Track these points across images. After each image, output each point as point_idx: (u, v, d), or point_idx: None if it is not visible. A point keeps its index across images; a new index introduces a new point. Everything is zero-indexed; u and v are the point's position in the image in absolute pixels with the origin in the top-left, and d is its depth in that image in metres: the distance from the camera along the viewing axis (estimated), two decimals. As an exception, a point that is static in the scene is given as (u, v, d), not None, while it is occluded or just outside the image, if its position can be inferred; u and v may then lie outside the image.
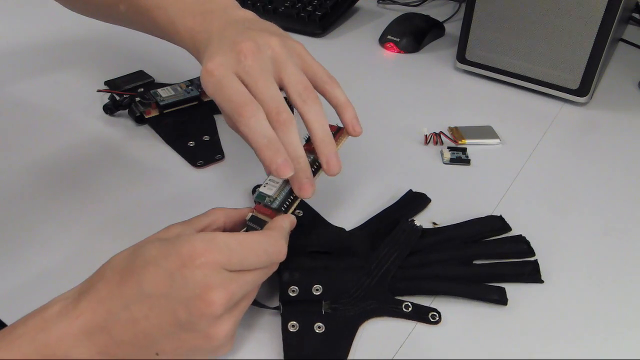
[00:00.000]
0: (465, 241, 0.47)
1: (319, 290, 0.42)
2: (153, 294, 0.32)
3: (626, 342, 0.41)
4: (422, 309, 0.42)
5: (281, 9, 0.86)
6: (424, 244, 0.47)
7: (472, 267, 0.45)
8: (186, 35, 0.47)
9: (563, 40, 0.65)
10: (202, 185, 0.55)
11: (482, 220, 0.50)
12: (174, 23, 0.47)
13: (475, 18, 0.69)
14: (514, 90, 0.71)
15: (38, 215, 0.51)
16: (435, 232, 0.48)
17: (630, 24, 0.87)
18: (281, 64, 0.42)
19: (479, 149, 0.60)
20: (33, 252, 0.47)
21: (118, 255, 0.36)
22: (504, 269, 0.45)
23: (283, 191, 0.42)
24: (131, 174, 0.56)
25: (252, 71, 0.40)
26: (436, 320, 0.41)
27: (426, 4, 0.95)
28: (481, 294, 0.43)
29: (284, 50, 0.42)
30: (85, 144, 0.60)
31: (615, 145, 0.62)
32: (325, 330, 0.40)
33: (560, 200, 0.54)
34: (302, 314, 0.41)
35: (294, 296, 0.41)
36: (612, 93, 0.71)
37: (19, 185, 0.54)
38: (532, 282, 0.45)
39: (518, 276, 0.45)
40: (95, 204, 0.52)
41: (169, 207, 0.52)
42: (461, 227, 0.49)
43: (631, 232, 0.51)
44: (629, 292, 0.45)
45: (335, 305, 0.41)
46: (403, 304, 0.42)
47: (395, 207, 0.51)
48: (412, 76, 0.74)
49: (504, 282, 0.44)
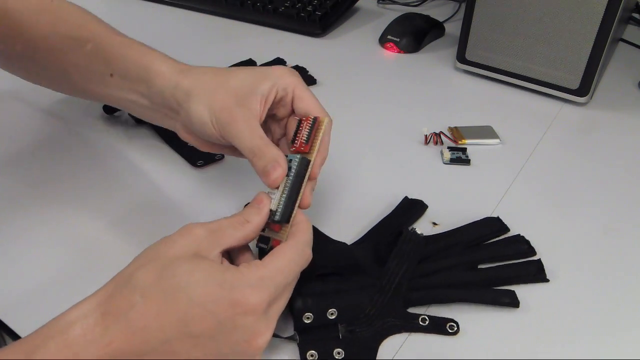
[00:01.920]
0: (467, 246, 0.47)
1: (333, 314, 0.41)
2: (199, 335, 0.32)
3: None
4: (439, 321, 0.41)
5: (281, 9, 0.86)
6: (428, 251, 0.46)
7: (478, 272, 0.45)
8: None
9: (563, 40, 0.65)
10: (202, 185, 0.55)
11: (480, 222, 0.50)
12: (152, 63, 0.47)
13: (475, 18, 0.69)
14: (514, 90, 0.71)
15: (38, 215, 0.51)
16: (437, 239, 0.48)
17: (630, 24, 0.87)
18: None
19: (479, 149, 0.60)
20: (33, 253, 0.47)
21: (141, 272, 0.34)
22: (509, 271, 0.45)
23: (281, 201, 0.40)
24: (131, 174, 0.56)
25: None
26: (454, 330, 0.41)
27: (426, 4, 0.95)
28: (493, 299, 0.43)
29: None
30: (85, 143, 0.60)
31: (615, 145, 0.62)
32: (345, 356, 0.39)
33: (560, 200, 0.54)
34: (319, 341, 0.40)
35: (309, 323, 0.40)
36: (612, 93, 0.71)
37: (18, 185, 0.54)
38: (538, 281, 0.45)
39: (524, 277, 0.45)
40: (95, 204, 0.52)
41: (169, 207, 0.52)
42: (461, 232, 0.49)
43: (631, 232, 0.51)
44: (629, 292, 0.45)
45: (351, 328, 0.41)
46: (420, 317, 0.41)
47: (393, 215, 0.51)
48: (412, 76, 0.74)
49: (512, 284, 0.44)
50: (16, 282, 0.45)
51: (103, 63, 0.50)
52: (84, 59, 0.51)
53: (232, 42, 0.82)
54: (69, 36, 0.52)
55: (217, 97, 0.43)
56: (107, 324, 0.32)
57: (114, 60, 0.49)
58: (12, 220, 0.50)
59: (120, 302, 0.33)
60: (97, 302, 0.33)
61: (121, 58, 0.49)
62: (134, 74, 0.48)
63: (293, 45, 0.81)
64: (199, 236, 0.36)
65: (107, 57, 0.50)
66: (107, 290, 0.34)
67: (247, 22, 0.87)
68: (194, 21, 0.88)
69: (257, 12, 0.87)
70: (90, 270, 0.46)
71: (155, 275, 0.33)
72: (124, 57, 0.49)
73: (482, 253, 0.47)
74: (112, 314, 0.32)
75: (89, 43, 0.51)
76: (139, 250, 0.49)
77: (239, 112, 0.42)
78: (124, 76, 0.49)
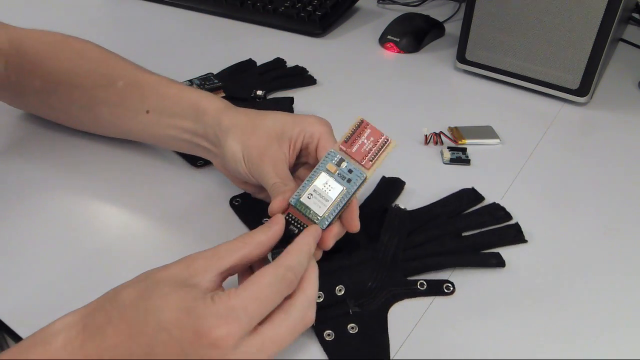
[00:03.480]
0: (448, 216, 0.50)
1: (342, 291, 0.42)
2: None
3: (630, 343, 0.41)
4: (436, 284, 0.45)
5: (281, 9, 0.86)
6: (414, 224, 0.49)
7: (464, 239, 0.48)
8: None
9: (563, 40, 0.65)
10: (202, 185, 0.55)
11: (457, 194, 0.53)
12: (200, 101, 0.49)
13: (475, 18, 0.69)
14: (514, 90, 0.71)
15: (39, 216, 0.51)
16: (419, 212, 0.51)
17: (630, 24, 0.87)
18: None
19: (479, 149, 0.60)
20: (35, 254, 0.47)
21: (125, 291, 0.34)
22: (491, 235, 0.49)
23: (333, 211, 0.40)
24: (131, 174, 0.56)
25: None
26: (450, 290, 0.44)
27: (426, 4, 0.95)
28: (482, 261, 0.47)
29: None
30: (83, 144, 0.60)
31: (615, 145, 0.62)
32: (359, 330, 0.41)
33: (560, 200, 0.54)
34: (332, 320, 0.41)
35: (320, 302, 0.41)
36: (612, 93, 0.71)
37: (19, 185, 0.54)
38: (518, 242, 0.49)
39: (505, 240, 0.49)
40: (95, 205, 0.52)
41: (169, 207, 0.52)
42: (442, 204, 0.52)
43: (631, 232, 0.51)
44: (629, 291, 0.45)
45: (360, 302, 0.42)
46: (418, 282, 0.44)
47: (375, 195, 0.53)
48: (412, 76, 0.74)
49: (495, 247, 0.48)
50: (17, 283, 0.45)
51: (138, 100, 0.51)
52: (115, 96, 0.52)
53: (232, 42, 0.82)
54: (97, 72, 0.53)
55: (251, 138, 0.45)
56: (86, 337, 0.32)
57: (151, 98, 0.51)
58: (13, 220, 0.50)
59: (101, 317, 0.33)
60: (83, 314, 0.34)
61: (160, 96, 0.51)
62: (177, 111, 0.50)
63: (293, 45, 0.81)
64: (193, 261, 0.35)
65: (143, 95, 0.51)
66: (95, 303, 0.34)
67: (247, 22, 0.87)
68: (194, 21, 0.88)
69: (257, 12, 0.87)
70: (91, 272, 0.46)
71: (136, 295, 0.33)
72: (163, 95, 0.51)
73: (465, 222, 0.50)
74: (92, 327, 0.33)
75: (120, 80, 0.52)
76: (139, 250, 0.49)
77: (268, 153, 0.44)
78: (162, 113, 0.51)
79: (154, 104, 0.51)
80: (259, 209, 0.49)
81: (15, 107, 0.61)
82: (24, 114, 0.63)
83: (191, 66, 0.72)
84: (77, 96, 0.54)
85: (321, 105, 0.67)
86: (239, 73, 0.73)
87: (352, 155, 0.41)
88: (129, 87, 0.52)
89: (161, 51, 0.78)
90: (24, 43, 0.55)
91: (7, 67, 0.55)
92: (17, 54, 0.55)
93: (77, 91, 0.54)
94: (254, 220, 0.49)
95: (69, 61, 0.54)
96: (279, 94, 0.70)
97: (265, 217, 0.48)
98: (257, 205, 0.50)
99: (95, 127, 0.57)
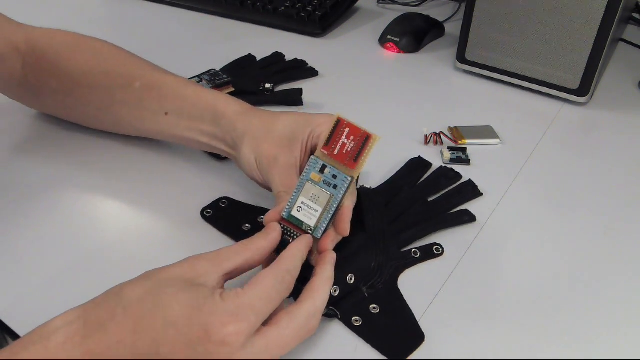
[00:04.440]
0: (410, 187, 0.54)
1: (352, 279, 0.43)
2: (170, 358, 0.31)
3: (629, 343, 0.41)
4: (427, 249, 0.48)
5: (281, 9, 0.86)
6: (382, 201, 0.52)
7: (431, 204, 0.52)
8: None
9: (563, 40, 0.65)
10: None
11: (407, 167, 0.57)
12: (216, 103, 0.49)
13: (475, 18, 0.69)
14: (514, 90, 0.71)
15: (39, 215, 0.51)
16: (381, 189, 0.54)
17: (630, 24, 0.87)
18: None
19: (479, 149, 0.60)
20: (34, 252, 0.47)
21: (130, 288, 0.34)
22: (453, 196, 0.53)
23: (324, 219, 0.40)
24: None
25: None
26: (440, 252, 0.48)
27: (426, 4, 0.95)
28: (457, 220, 0.51)
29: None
30: (86, 141, 0.60)
31: (615, 145, 0.62)
32: (380, 308, 0.43)
33: (560, 200, 0.54)
34: (354, 306, 0.43)
35: (337, 295, 0.42)
36: (612, 93, 0.71)
37: (19, 185, 0.54)
38: (476, 197, 0.53)
39: (465, 196, 0.53)
40: (97, 204, 0.52)
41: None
42: (399, 178, 0.55)
43: (631, 232, 0.51)
44: (629, 291, 0.45)
45: (370, 283, 0.44)
46: (412, 251, 0.47)
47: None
48: (412, 76, 0.74)
49: (459, 206, 0.52)
50: (17, 282, 0.45)
51: (156, 102, 0.51)
52: (133, 96, 0.52)
53: (232, 42, 0.82)
54: (114, 73, 0.53)
55: (262, 145, 0.46)
56: (86, 333, 0.32)
57: (170, 100, 0.51)
58: (13, 220, 0.50)
59: (103, 312, 0.33)
60: (84, 309, 0.34)
61: (178, 98, 0.51)
62: (195, 114, 0.50)
63: (293, 45, 0.81)
64: (197, 262, 0.35)
65: (161, 96, 0.51)
66: (97, 300, 0.34)
67: (247, 22, 0.87)
68: (194, 21, 0.88)
69: (257, 12, 0.87)
70: (91, 270, 0.46)
71: (142, 292, 0.33)
72: (182, 97, 0.51)
73: (426, 189, 0.54)
74: (93, 323, 0.32)
75: (137, 81, 0.52)
76: (142, 249, 0.49)
77: (278, 161, 0.44)
78: (181, 115, 0.51)
79: (172, 106, 0.51)
80: (232, 217, 0.50)
81: (31, 107, 0.61)
82: (38, 113, 0.63)
83: (191, 66, 0.72)
84: (95, 97, 0.54)
85: (326, 100, 0.68)
86: (240, 69, 0.73)
87: (335, 159, 0.40)
88: (147, 88, 0.52)
89: (161, 51, 0.78)
90: (40, 43, 0.54)
91: (24, 66, 0.55)
92: (34, 54, 0.54)
93: (94, 92, 0.54)
94: (233, 228, 0.49)
95: (86, 62, 0.54)
96: (283, 86, 0.70)
97: (245, 223, 0.49)
98: (230, 214, 0.50)
99: (113, 127, 0.57)
